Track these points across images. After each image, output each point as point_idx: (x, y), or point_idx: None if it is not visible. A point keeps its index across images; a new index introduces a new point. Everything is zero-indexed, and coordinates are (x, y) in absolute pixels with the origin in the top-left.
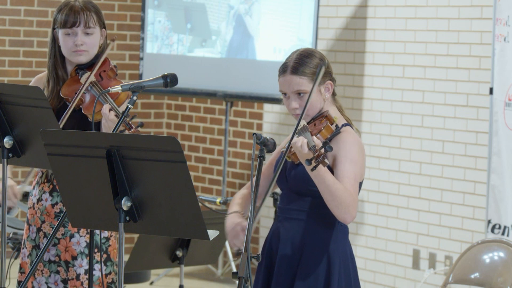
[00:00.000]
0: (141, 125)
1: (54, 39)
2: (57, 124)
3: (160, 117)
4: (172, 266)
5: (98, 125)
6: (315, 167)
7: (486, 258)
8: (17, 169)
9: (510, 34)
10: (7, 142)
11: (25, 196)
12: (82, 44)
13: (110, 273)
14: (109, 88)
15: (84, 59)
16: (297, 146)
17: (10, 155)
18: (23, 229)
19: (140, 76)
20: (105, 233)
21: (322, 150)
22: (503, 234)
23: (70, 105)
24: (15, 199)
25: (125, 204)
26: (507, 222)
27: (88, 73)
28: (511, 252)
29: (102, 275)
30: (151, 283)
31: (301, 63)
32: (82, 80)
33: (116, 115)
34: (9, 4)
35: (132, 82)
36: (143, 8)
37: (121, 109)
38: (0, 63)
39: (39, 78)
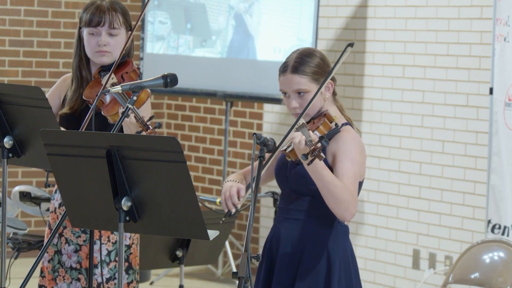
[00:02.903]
0: (159, 126)
1: (80, 39)
2: (57, 124)
3: (160, 117)
4: (172, 266)
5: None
6: (311, 161)
7: (486, 258)
8: (17, 169)
9: (510, 34)
10: (7, 142)
11: (25, 196)
12: (105, 44)
13: (132, 281)
14: (108, 88)
15: (107, 60)
16: (295, 141)
17: (10, 155)
18: (23, 229)
19: (140, 76)
20: (127, 241)
21: (319, 145)
22: (503, 234)
23: (90, 109)
24: None
25: (125, 204)
26: (507, 222)
27: (108, 74)
28: (511, 252)
29: (103, 279)
30: (151, 283)
31: (301, 62)
32: (103, 81)
33: (135, 117)
34: (9, 4)
35: (132, 82)
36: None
37: (143, 110)
38: (0, 63)
39: (65, 79)
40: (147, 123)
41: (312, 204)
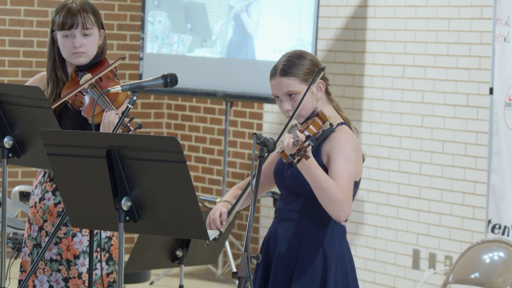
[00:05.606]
0: (139, 127)
1: (53, 41)
2: (57, 124)
3: (160, 117)
4: (172, 266)
5: (97, 127)
6: (298, 160)
7: (486, 258)
8: (17, 169)
9: (510, 34)
10: (7, 142)
11: (25, 196)
12: (80, 45)
13: (112, 272)
14: (109, 88)
15: (83, 60)
16: (284, 144)
17: (10, 155)
18: (23, 229)
19: (140, 76)
20: (107, 233)
21: (305, 144)
22: (503, 234)
23: (63, 99)
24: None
25: (125, 204)
26: (507, 222)
27: (88, 75)
28: (511, 252)
29: (102, 274)
30: (151, 283)
31: (290, 64)
32: (82, 82)
33: (116, 114)
34: (9, 4)
35: (132, 82)
36: (143, 8)
37: (120, 110)
38: (0, 63)
39: (41, 77)
40: (128, 125)
41: (308, 205)
